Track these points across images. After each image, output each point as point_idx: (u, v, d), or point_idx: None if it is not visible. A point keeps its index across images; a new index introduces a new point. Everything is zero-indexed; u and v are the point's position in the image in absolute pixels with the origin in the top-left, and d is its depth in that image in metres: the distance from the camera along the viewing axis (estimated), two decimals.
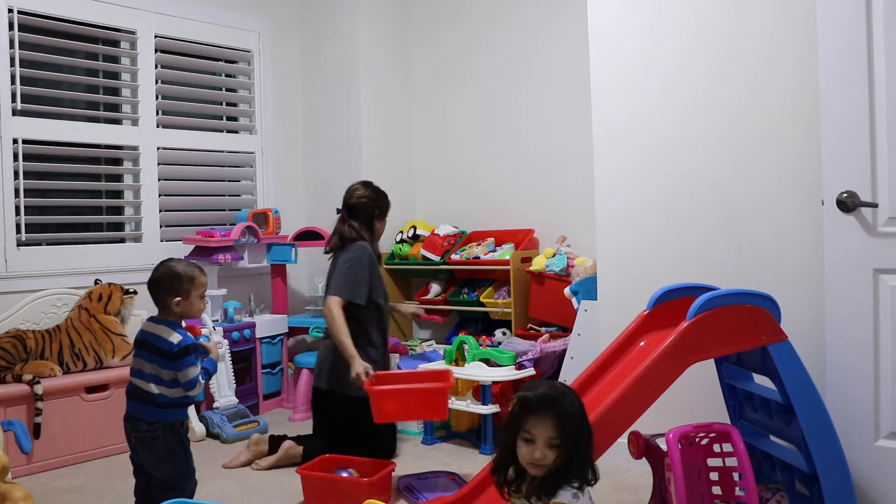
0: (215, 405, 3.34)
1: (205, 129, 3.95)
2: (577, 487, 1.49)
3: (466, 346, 3.08)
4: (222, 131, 4.09)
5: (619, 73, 2.70)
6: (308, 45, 4.31)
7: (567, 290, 3.17)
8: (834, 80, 2.09)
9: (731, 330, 1.97)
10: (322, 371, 2.80)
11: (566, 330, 3.24)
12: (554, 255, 3.46)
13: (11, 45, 3.17)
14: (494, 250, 3.71)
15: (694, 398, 2.37)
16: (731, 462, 1.97)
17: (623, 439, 1.99)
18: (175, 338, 2.06)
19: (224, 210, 4.04)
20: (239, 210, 3.98)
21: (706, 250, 2.52)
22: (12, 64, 3.17)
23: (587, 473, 1.52)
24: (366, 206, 2.92)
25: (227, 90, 4.12)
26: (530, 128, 3.84)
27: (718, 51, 2.49)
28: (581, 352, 2.92)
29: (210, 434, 3.27)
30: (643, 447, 2.08)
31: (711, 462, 2.03)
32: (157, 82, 3.70)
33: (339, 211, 2.99)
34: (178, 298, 2.11)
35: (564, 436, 1.49)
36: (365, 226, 2.91)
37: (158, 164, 3.72)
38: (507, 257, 3.58)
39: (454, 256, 3.78)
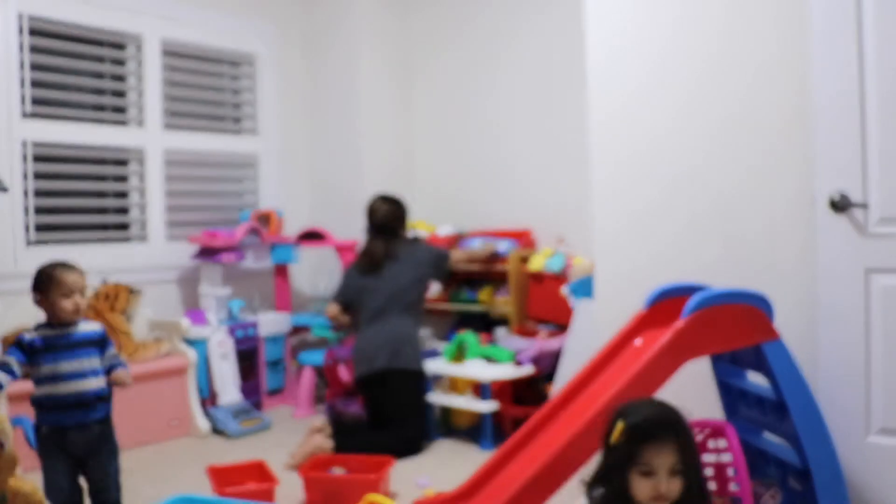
0: (219, 402, 3.39)
1: (209, 131, 4.00)
2: None
3: (466, 345, 3.12)
4: (226, 133, 4.13)
5: (618, 77, 2.73)
6: (311, 49, 4.35)
7: (565, 289, 3.21)
8: (826, 82, 2.13)
9: (725, 329, 2.00)
10: (393, 352, 3.04)
11: (564, 328, 3.28)
12: (552, 255, 3.50)
13: (21, 50, 3.22)
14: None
15: (689, 395, 2.40)
16: (726, 458, 2.01)
17: None
18: None
19: (228, 210, 4.08)
20: (243, 210, 4.03)
21: (701, 250, 2.55)
22: (21, 68, 3.22)
23: (708, 496, 1.35)
24: (391, 221, 3.27)
25: (232, 92, 4.17)
26: (529, 129, 3.88)
27: (713, 53, 2.52)
28: (578, 350, 2.95)
29: (215, 430, 3.32)
30: None
31: (706, 458, 2.07)
32: (162, 85, 3.75)
33: (369, 231, 3.32)
34: (39, 297, 2.10)
35: (686, 461, 1.32)
36: (395, 238, 3.26)
37: (164, 166, 3.76)
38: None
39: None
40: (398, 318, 3.10)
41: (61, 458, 2.06)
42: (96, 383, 2.12)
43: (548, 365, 3.14)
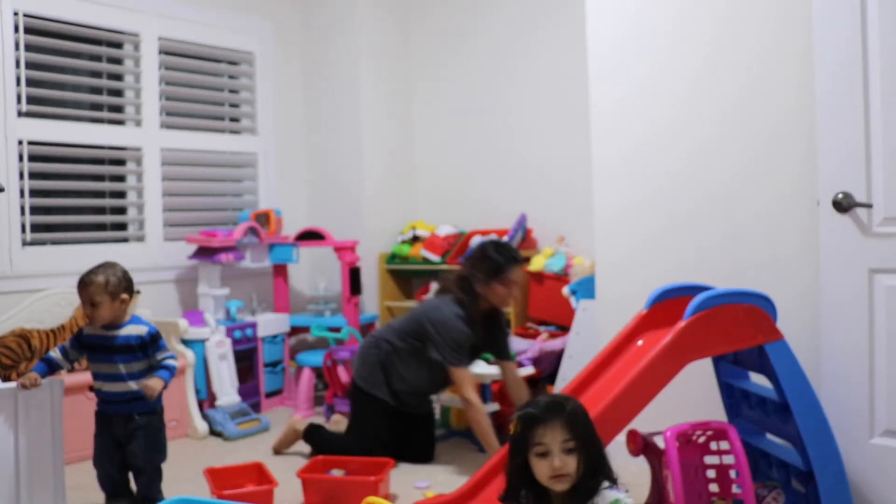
0: (217, 403, 3.37)
1: (207, 130, 3.98)
2: (614, 482, 1.45)
3: None
4: (224, 132, 4.11)
5: (618, 75, 2.72)
6: (309, 47, 4.33)
7: (566, 290, 3.19)
8: (830, 82, 2.11)
9: (728, 329, 1.99)
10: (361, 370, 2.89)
11: (565, 329, 3.27)
12: (553, 255, 3.49)
13: (17, 48, 3.19)
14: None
15: (691, 396, 2.39)
16: (728, 460, 1.99)
17: (621, 437, 2.01)
18: None
19: (226, 210, 4.07)
20: (241, 210, 4.01)
21: (703, 250, 2.54)
22: (17, 66, 3.20)
23: (611, 472, 1.46)
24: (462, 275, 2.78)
25: (230, 91, 4.15)
26: (530, 128, 3.86)
27: (716, 51, 2.51)
28: (579, 351, 2.94)
29: (212, 432, 3.30)
30: (641, 445, 2.11)
31: (708, 460, 2.05)
32: (160, 84, 3.73)
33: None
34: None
35: (577, 437, 1.44)
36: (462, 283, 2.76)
37: (161, 165, 3.74)
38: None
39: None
40: None
41: (106, 438, 2.33)
42: (134, 385, 2.28)
43: (549, 366, 3.13)
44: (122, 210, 3.71)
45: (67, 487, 2.65)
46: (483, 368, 3.00)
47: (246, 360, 3.64)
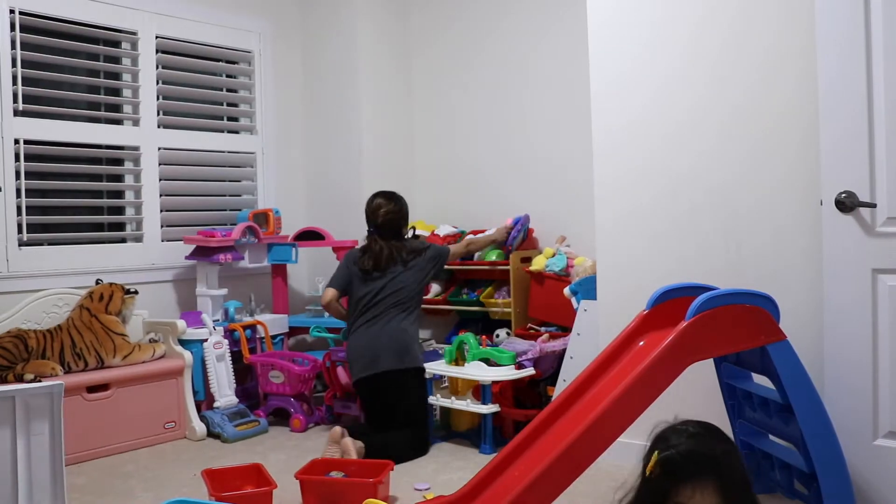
0: (216, 405, 3.35)
1: (205, 130, 3.96)
2: None
3: (466, 346, 3.09)
4: (223, 131, 4.09)
5: (619, 73, 2.71)
6: (308, 46, 4.32)
7: (567, 290, 3.18)
8: (833, 80, 2.10)
9: (731, 330, 1.97)
10: (401, 351, 3.02)
11: (566, 330, 3.25)
12: (554, 255, 3.47)
13: (13, 46, 3.18)
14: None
15: (693, 398, 2.37)
16: None
17: (621, 438, 1.99)
18: None
19: (225, 210, 4.05)
20: (240, 210, 3.99)
21: (705, 250, 2.52)
22: (14, 64, 3.18)
23: None
24: (394, 221, 3.22)
25: (228, 91, 4.13)
26: (530, 128, 3.85)
27: (718, 51, 2.50)
28: (580, 351, 2.92)
29: (210, 434, 3.28)
30: None
31: None
32: (157, 83, 3.71)
33: (370, 232, 3.26)
34: None
35: (729, 501, 1.23)
36: (398, 237, 3.22)
37: (159, 165, 3.72)
38: (493, 258, 3.61)
39: None
40: (400, 318, 3.08)
41: None
42: None
43: (549, 367, 3.11)
44: (119, 210, 3.69)
45: (67, 489, 2.63)
46: (483, 370, 2.98)
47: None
